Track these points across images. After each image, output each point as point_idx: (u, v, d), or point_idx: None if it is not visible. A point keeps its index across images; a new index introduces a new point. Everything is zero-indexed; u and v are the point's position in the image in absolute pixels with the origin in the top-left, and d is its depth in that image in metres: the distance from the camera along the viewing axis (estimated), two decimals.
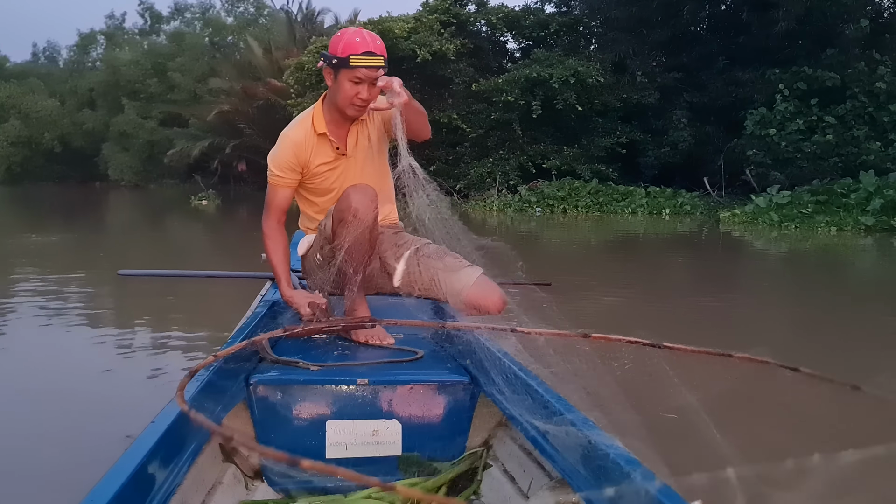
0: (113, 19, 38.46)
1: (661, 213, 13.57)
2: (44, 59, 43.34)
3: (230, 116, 21.83)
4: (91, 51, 38.30)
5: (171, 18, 36.84)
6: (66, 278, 5.74)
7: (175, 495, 1.16)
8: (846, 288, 6.21)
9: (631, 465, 1.03)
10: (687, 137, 14.90)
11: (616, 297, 5.14)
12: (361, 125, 2.09)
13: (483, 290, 2.18)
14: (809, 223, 10.95)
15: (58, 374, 3.04)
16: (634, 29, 15.99)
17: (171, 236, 11.14)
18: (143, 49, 32.69)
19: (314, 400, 1.61)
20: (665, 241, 10.08)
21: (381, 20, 15.01)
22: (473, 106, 15.79)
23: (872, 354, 3.50)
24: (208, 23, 33.41)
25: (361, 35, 1.91)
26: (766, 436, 2.36)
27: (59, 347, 3.52)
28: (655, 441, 1.26)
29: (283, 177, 2.03)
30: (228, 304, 3.68)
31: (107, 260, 7.18)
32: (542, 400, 1.36)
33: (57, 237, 9.66)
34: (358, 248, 1.93)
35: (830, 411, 2.51)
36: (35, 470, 1.99)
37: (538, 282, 2.91)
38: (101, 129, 30.61)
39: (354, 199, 1.89)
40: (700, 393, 1.81)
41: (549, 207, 14.09)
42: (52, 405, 2.57)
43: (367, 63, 1.87)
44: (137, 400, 2.60)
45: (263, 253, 2.12)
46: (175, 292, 4.88)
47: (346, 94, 1.92)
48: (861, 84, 12.68)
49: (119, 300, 4.92)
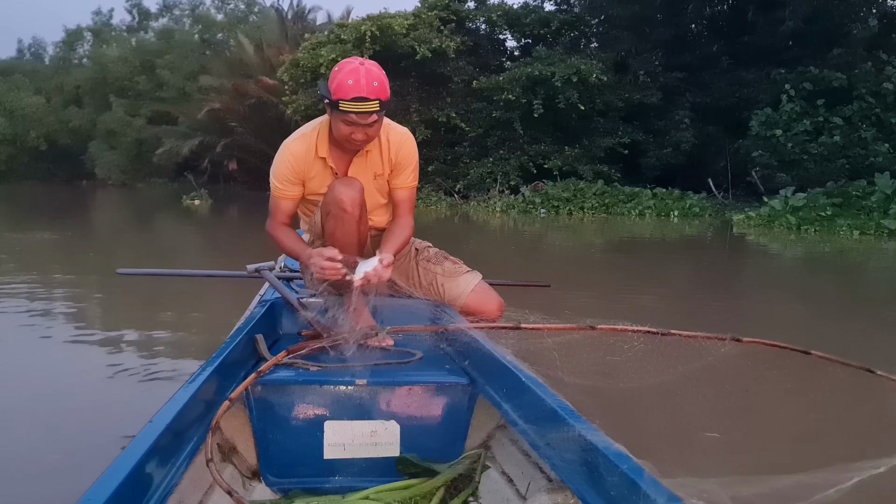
0: (100, 16, 38.39)
1: (669, 216, 13.56)
2: (29, 55, 43.29)
3: (221, 114, 21.83)
4: (77, 47, 38.19)
5: (159, 15, 36.80)
6: (63, 279, 5.77)
7: (173, 495, 1.19)
8: (889, 294, 6.01)
9: (630, 467, 1.05)
10: (690, 138, 14.96)
11: (635, 306, 4.89)
12: (365, 157, 2.08)
13: (482, 297, 2.24)
14: (830, 226, 10.82)
15: (57, 374, 3.09)
16: (636, 27, 16.07)
17: (164, 237, 11.04)
18: (131, 46, 32.59)
19: (313, 400, 1.64)
20: (679, 245, 9.94)
21: (380, 16, 15.03)
22: (473, 105, 15.84)
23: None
24: (198, 20, 33.39)
25: (356, 76, 1.82)
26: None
27: (58, 348, 3.56)
28: (655, 440, 1.30)
29: (284, 189, 2.05)
30: (227, 304, 3.71)
31: (96, 261, 7.18)
32: (541, 402, 1.38)
33: (47, 235, 9.64)
34: (347, 241, 1.96)
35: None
36: (34, 470, 2.02)
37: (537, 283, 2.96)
38: (88, 127, 30.57)
39: (340, 190, 1.92)
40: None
41: (555, 209, 14.08)
42: (49, 406, 2.60)
43: (356, 109, 1.83)
44: (137, 400, 2.65)
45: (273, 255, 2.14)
46: (171, 293, 4.91)
47: (341, 132, 1.92)
48: (868, 85, 12.74)
49: (115, 301, 4.94)
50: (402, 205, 2.15)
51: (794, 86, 13.09)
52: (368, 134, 1.92)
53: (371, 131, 1.92)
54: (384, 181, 2.14)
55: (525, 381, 1.49)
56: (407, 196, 2.16)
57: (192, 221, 13.38)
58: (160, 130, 25.33)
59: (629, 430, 1.37)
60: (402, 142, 2.09)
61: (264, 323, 2.07)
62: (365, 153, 2.06)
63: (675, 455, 1.98)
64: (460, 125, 15.58)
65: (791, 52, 13.98)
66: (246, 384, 1.52)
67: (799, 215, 11.49)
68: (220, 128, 22.25)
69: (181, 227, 12.44)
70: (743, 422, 2.57)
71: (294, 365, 1.69)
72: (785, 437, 2.39)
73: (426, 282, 2.27)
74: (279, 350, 1.74)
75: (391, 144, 2.07)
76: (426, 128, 15.09)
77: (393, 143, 2.08)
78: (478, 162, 15.78)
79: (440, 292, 2.25)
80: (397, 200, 2.15)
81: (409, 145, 2.11)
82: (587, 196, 14.31)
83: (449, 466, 1.61)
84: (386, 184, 2.15)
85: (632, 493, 1.00)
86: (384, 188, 2.16)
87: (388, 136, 2.07)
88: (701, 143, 15.13)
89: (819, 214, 11.32)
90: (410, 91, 15.62)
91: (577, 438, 1.20)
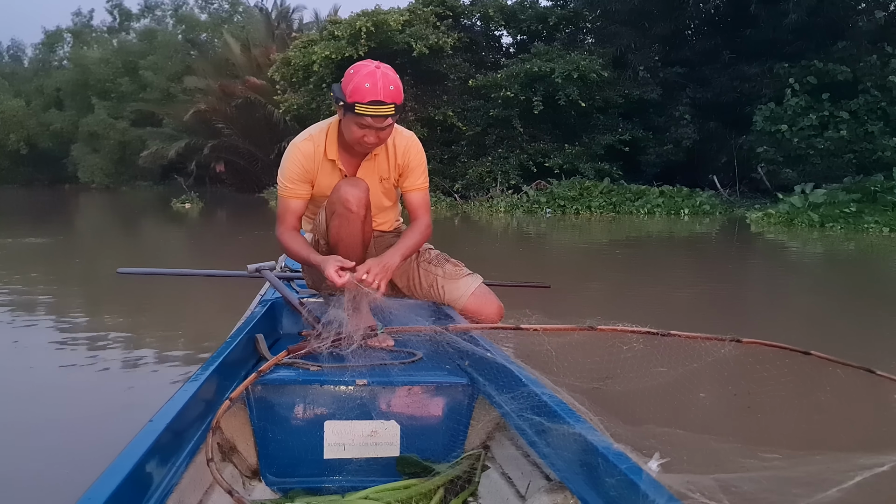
0: (80, 17, 38.50)
1: (679, 214, 13.53)
2: (7, 57, 43.35)
3: (207, 116, 21.87)
4: (58, 49, 38.25)
5: (140, 16, 36.91)
6: (62, 281, 5.84)
7: (173, 494, 1.23)
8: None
9: (629, 467, 1.08)
10: (691, 134, 15.04)
11: (663, 316, 4.40)
12: (374, 161, 2.15)
13: (481, 301, 2.30)
14: (857, 223, 10.61)
15: (55, 374, 3.14)
16: (635, 22, 16.12)
17: (159, 241, 10.95)
18: (112, 47, 32.67)
19: (313, 400, 1.68)
20: (698, 245, 9.63)
21: (376, 12, 15.05)
22: (470, 103, 15.89)
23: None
24: (181, 20, 33.47)
25: (373, 79, 1.89)
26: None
27: (56, 349, 3.61)
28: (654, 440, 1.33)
29: (294, 188, 2.10)
30: (227, 305, 3.76)
31: (93, 265, 7.23)
32: (541, 402, 1.42)
33: (35, 240, 9.61)
34: (352, 241, 2.02)
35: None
36: (32, 470, 2.07)
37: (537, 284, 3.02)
38: (70, 130, 30.62)
39: (346, 190, 1.98)
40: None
41: (561, 208, 14.05)
42: (46, 406, 2.67)
43: (373, 113, 1.90)
44: (138, 400, 2.70)
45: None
46: (171, 292, 5.00)
47: (353, 135, 1.98)
48: (873, 78, 12.84)
49: (115, 301, 4.99)
50: (419, 207, 2.23)
51: (798, 80, 13.17)
52: (380, 137, 1.99)
53: (383, 135, 1.99)
54: (390, 185, 2.21)
55: (525, 381, 1.52)
56: (421, 198, 2.24)
57: (185, 225, 13.32)
58: (144, 133, 25.39)
59: (629, 430, 1.40)
60: (409, 145, 2.18)
61: (264, 323, 2.11)
62: (373, 156, 2.13)
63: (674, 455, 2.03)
64: (457, 124, 15.62)
65: (794, 46, 14.04)
66: (246, 384, 1.57)
67: (820, 212, 11.29)
68: (207, 129, 22.30)
69: (175, 232, 12.39)
70: (743, 422, 2.61)
71: (294, 365, 1.73)
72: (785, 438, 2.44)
73: (427, 283, 2.33)
74: (279, 350, 1.79)
75: (397, 149, 2.15)
76: (422, 126, 15.11)
77: (399, 148, 2.15)
78: (476, 161, 15.83)
79: (440, 294, 2.31)
80: (413, 204, 2.24)
81: (416, 148, 2.20)
82: (594, 195, 14.28)
83: (449, 466, 1.64)
84: (391, 187, 2.23)
85: (631, 493, 1.02)
86: (390, 192, 2.24)
87: (393, 140, 2.15)
88: (701, 139, 15.20)
89: (843, 211, 11.11)
90: (406, 89, 15.60)
91: (576, 438, 1.23)
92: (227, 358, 1.67)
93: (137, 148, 25.34)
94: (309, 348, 1.78)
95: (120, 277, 3.34)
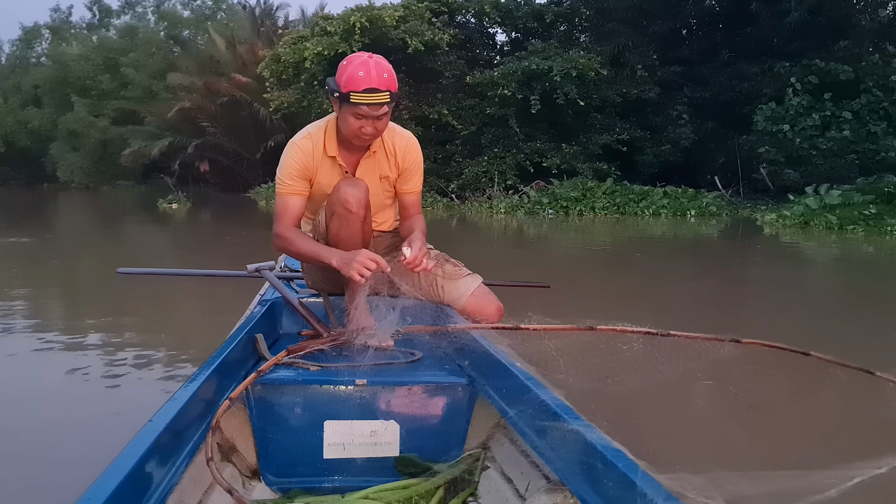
0: (59, 13, 38.28)
1: (685, 215, 13.50)
2: None
3: (192, 114, 21.78)
4: (35, 45, 38.03)
5: (121, 12, 36.84)
6: (60, 281, 5.86)
7: (172, 494, 1.26)
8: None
9: (629, 467, 1.10)
10: (689, 134, 15.12)
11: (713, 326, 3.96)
12: (374, 158, 2.21)
13: (481, 301, 2.35)
14: (879, 225, 10.51)
15: (53, 374, 3.18)
16: (633, 20, 16.20)
17: (150, 242, 10.84)
18: (92, 44, 32.52)
19: (312, 400, 1.73)
20: (713, 249, 9.42)
21: (369, 7, 15.03)
22: (465, 101, 15.90)
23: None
24: (163, 16, 33.39)
25: (367, 67, 1.95)
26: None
27: (54, 349, 3.65)
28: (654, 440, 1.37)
29: (293, 185, 2.14)
30: (226, 304, 3.80)
31: (91, 266, 7.24)
32: (540, 402, 1.45)
33: (27, 240, 9.59)
34: (352, 241, 2.06)
35: None
36: (31, 470, 2.11)
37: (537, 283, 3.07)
38: (49, 128, 30.42)
39: (346, 191, 2.03)
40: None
41: (563, 209, 13.99)
42: (47, 406, 2.71)
43: (368, 101, 1.95)
44: (138, 400, 2.74)
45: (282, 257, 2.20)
46: (170, 293, 5.07)
47: (351, 127, 2.03)
48: (875, 78, 12.98)
49: (116, 302, 5.00)
50: (413, 207, 2.35)
51: (799, 79, 13.28)
52: (377, 127, 2.04)
53: (380, 125, 2.04)
54: (390, 184, 2.27)
55: (524, 381, 1.56)
56: (416, 199, 2.36)
57: (174, 226, 13.21)
58: (126, 131, 25.24)
59: (629, 430, 1.45)
60: (409, 147, 2.25)
61: (264, 323, 2.15)
62: (372, 153, 2.18)
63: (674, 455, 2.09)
64: (452, 123, 15.64)
65: (794, 45, 14.14)
66: (246, 384, 1.61)
67: (838, 214, 11.15)
68: (191, 127, 22.21)
69: (166, 233, 12.24)
70: (743, 422, 2.67)
71: (294, 364, 1.78)
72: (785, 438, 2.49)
73: (426, 283, 2.37)
74: (279, 350, 1.83)
75: (397, 149, 2.21)
76: (417, 125, 15.09)
77: (399, 148, 2.22)
78: (472, 161, 15.83)
79: (440, 294, 2.36)
80: (407, 204, 2.34)
81: (416, 150, 2.28)
82: (597, 195, 14.23)
83: (448, 466, 1.68)
84: (391, 186, 2.29)
85: (630, 493, 1.04)
86: (389, 190, 2.30)
87: (392, 139, 2.21)
88: (699, 139, 15.29)
89: (863, 213, 11.00)
90: (400, 87, 15.61)
91: (576, 438, 1.26)
92: (227, 358, 1.70)
93: (119, 147, 25.15)
94: (309, 349, 1.82)
95: (118, 278, 3.39)
